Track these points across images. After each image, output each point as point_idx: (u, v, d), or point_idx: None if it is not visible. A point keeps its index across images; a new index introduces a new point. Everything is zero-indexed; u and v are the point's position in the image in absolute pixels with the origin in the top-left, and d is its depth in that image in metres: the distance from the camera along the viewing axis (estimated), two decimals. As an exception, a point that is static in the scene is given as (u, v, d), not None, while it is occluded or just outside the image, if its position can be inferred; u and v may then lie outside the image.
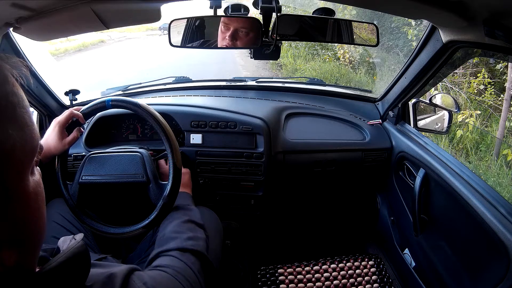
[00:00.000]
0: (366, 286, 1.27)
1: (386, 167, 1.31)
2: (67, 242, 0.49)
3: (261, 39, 0.87)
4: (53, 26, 0.75)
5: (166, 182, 0.86)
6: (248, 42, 0.91)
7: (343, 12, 4.37)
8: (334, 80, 4.48)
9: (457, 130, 3.09)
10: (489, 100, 3.31)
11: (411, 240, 1.19)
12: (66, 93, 1.22)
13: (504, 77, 3.19)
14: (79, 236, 0.47)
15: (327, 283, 1.27)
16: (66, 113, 0.89)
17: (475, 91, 3.37)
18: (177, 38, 0.90)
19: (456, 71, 3.38)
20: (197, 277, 0.65)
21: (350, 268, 1.31)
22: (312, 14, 0.94)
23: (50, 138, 0.87)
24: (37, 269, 0.37)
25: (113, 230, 0.87)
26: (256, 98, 1.40)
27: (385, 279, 1.29)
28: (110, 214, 1.07)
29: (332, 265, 1.31)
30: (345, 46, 4.70)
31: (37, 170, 0.37)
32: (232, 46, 0.91)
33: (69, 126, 0.90)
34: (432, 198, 1.08)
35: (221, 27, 0.89)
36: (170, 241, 0.71)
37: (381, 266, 1.33)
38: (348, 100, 1.47)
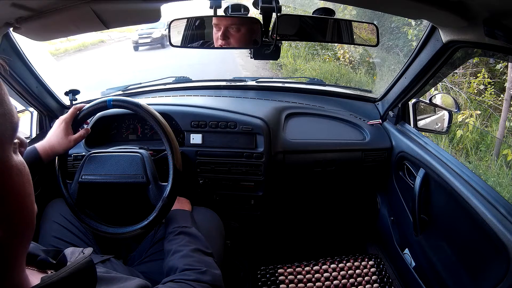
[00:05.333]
0: (366, 286, 1.27)
1: (386, 167, 1.31)
2: (75, 255, 0.47)
3: (261, 39, 0.87)
4: (53, 26, 0.75)
5: (166, 184, 0.86)
6: (248, 41, 0.91)
7: (343, 12, 4.37)
8: (334, 80, 4.48)
9: (457, 130, 3.09)
10: (489, 100, 3.31)
11: (411, 240, 1.19)
12: (66, 93, 1.22)
13: (504, 77, 3.19)
14: (88, 251, 0.45)
15: (327, 283, 1.27)
16: (70, 110, 0.91)
17: (475, 91, 3.37)
18: (177, 38, 0.90)
19: (456, 71, 3.38)
20: None
21: (350, 268, 1.31)
22: (312, 14, 0.94)
23: (54, 135, 0.88)
24: (35, 281, 0.36)
25: (112, 230, 0.87)
26: (256, 98, 1.40)
27: (385, 279, 1.29)
28: (110, 214, 1.07)
29: (332, 265, 1.31)
30: (345, 46, 4.71)
31: (21, 157, 0.37)
32: (232, 46, 0.91)
33: (73, 125, 0.90)
34: (432, 198, 1.08)
35: (214, 29, 0.89)
36: (187, 272, 0.71)
37: (381, 266, 1.33)
38: (348, 100, 1.47)
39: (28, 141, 0.97)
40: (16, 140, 0.36)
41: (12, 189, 0.33)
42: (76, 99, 1.23)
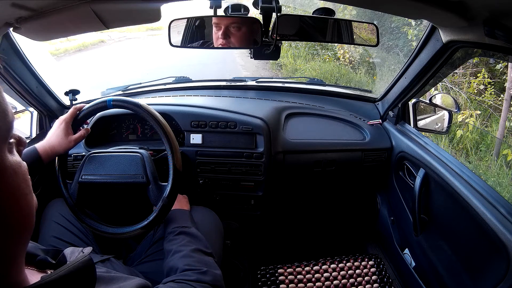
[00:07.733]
0: (366, 286, 1.27)
1: (386, 167, 1.31)
2: (75, 254, 0.47)
3: (261, 39, 0.87)
4: (53, 26, 0.75)
5: (166, 184, 0.86)
6: (248, 41, 0.91)
7: (343, 12, 4.36)
8: (334, 80, 4.47)
9: (457, 130, 3.09)
10: (489, 100, 3.31)
11: (411, 240, 1.19)
12: (66, 93, 1.22)
13: (504, 77, 3.18)
14: (87, 250, 0.45)
15: (327, 283, 1.27)
16: (70, 110, 0.91)
17: (475, 91, 3.37)
18: (177, 38, 0.90)
19: (456, 71, 3.38)
20: None
21: (350, 268, 1.31)
22: (312, 14, 0.94)
23: (54, 135, 0.88)
24: (35, 281, 0.36)
25: (112, 230, 0.87)
26: (256, 98, 1.40)
27: (385, 279, 1.29)
28: (110, 214, 1.07)
29: (332, 265, 1.31)
30: (345, 46, 4.69)
31: (17, 156, 0.36)
32: (232, 46, 0.91)
33: (73, 125, 0.90)
34: (432, 198, 1.08)
35: (214, 28, 0.89)
36: (187, 272, 0.71)
37: (381, 266, 1.33)
38: (348, 100, 1.47)
39: (28, 141, 0.97)
40: (12, 140, 0.35)
41: (5, 191, 0.33)
42: (76, 99, 1.23)
